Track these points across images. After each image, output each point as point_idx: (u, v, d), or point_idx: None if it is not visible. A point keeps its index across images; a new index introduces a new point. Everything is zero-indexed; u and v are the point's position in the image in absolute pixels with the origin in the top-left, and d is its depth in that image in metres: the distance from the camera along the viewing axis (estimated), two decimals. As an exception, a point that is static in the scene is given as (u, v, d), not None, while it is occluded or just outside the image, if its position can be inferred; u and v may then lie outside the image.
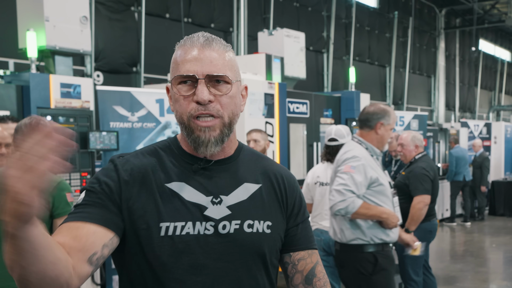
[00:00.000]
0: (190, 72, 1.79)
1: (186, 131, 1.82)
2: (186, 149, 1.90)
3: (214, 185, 1.87)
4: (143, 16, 10.57)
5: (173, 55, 1.87)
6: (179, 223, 1.78)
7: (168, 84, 1.90)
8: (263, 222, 1.90)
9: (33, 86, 5.96)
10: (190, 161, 1.89)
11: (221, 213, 1.84)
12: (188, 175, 1.86)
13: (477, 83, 24.80)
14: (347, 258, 4.53)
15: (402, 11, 18.62)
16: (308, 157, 9.72)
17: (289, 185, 2.04)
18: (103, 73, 10.03)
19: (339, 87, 15.71)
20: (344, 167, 4.30)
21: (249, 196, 1.91)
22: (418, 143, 6.43)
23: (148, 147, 1.96)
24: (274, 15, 13.34)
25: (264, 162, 2.05)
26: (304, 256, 2.03)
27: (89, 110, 6.47)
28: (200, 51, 1.81)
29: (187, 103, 1.79)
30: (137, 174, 1.82)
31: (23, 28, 6.36)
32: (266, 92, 8.40)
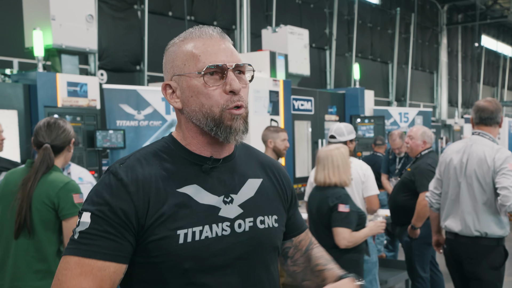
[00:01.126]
0: (219, 62, 1.75)
1: (215, 123, 1.75)
2: (191, 148, 1.84)
3: (223, 184, 1.84)
4: (146, 14, 10.58)
5: (179, 49, 1.81)
6: (196, 228, 1.74)
7: (168, 81, 1.83)
8: (271, 217, 1.92)
9: (40, 85, 5.97)
10: (197, 161, 1.83)
11: (234, 212, 1.82)
12: (197, 176, 1.81)
13: (480, 79, 24.79)
14: (482, 251, 4.65)
15: (404, 7, 18.61)
16: (313, 154, 9.72)
17: (284, 176, 2.07)
18: (106, 71, 10.04)
19: (342, 84, 15.71)
20: (508, 165, 4.43)
21: (255, 192, 1.90)
22: (426, 139, 6.38)
23: (147, 149, 1.86)
24: (276, 12, 13.34)
25: (256, 154, 2.05)
26: (303, 237, 2.14)
27: (96, 108, 6.47)
28: (221, 42, 1.80)
29: (218, 95, 1.75)
30: (146, 185, 1.73)
31: (30, 27, 6.37)
32: (271, 89, 8.41)
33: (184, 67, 1.78)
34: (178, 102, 1.82)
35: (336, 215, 4.50)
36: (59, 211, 3.49)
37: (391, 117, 12.24)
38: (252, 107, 7.99)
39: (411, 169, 6.37)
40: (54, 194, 3.46)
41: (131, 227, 1.69)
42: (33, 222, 3.47)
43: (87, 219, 1.69)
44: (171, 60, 1.82)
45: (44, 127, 3.66)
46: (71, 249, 1.68)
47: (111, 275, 1.67)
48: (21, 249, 3.50)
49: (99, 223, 1.67)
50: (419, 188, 6.12)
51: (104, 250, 1.66)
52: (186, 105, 1.80)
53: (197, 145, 1.83)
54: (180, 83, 1.80)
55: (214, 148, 1.84)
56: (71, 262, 1.66)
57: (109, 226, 1.67)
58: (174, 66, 1.81)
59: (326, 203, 4.55)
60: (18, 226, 3.45)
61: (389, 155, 9.14)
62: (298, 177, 9.27)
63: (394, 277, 7.10)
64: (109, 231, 1.67)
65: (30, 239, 3.47)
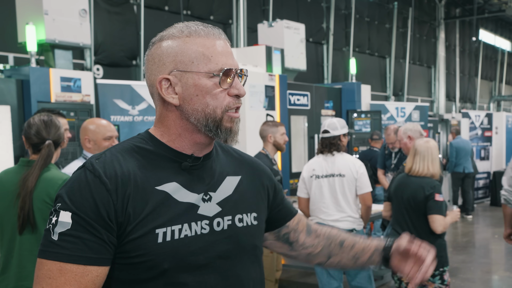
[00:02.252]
0: (231, 66, 1.77)
1: (215, 124, 1.75)
2: (172, 145, 1.81)
3: (202, 182, 1.82)
4: (142, 9, 10.55)
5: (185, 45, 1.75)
6: (175, 227, 1.72)
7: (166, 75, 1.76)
8: (250, 214, 1.91)
9: (33, 80, 5.94)
10: (178, 159, 1.80)
11: (213, 210, 1.80)
12: (177, 174, 1.78)
13: (478, 74, 24.78)
14: None
15: (402, 1, 18.59)
16: (310, 149, 9.71)
17: (263, 172, 2.07)
18: (102, 66, 10.00)
19: (339, 78, 15.69)
20: None
21: (233, 190, 1.89)
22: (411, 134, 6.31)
23: (123, 145, 1.82)
24: (273, 6, 13.30)
25: (233, 152, 2.05)
26: (298, 219, 2.16)
27: (90, 103, 6.44)
28: (226, 44, 1.81)
29: (223, 96, 1.75)
30: (124, 182, 1.69)
31: (22, 22, 6.33)
32: (266, 84, 8.38)
33: (192, 64, 1.74)
34: (175, 98, 1.76)
35: (433, 204, 4.87)
36: None
37: (387, 112, 12.22)
38: (248, 102, 7.97)
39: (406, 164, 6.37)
40: (54, 191, 3.46)
41: (112, 226, 1.65)
42: (35, 221, 3.48)
43: (68, 219, 1.63)
44: (173, 54, 1.76)
45: (42, 124, 3.67)
46: (52, 252, 1.64)
47: (94, 279, 1.65)
48: (25, 249, 3.52)
49: (81, 224, 1.63)
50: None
51: (86, 254, 1.62)
52: (187, 102, 1.76)
53: (181, 142, 1.80)
54: (184, 80, 1.75)
55: (198, 147, 1.82)
56: (53, 269, 1.63)
57: (91, 227, 1.63)
58: (177, 61, 1.75)
59: (422, 191, 4.93)
60: (22, 221, 3.46)
61: (385, 150, 9.13)
62: (295, 172, 9.26)
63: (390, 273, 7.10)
64: (91, 232, 1.63)
65: (34, 238, 3.48)
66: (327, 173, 5.68)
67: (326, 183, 5.69)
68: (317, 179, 5.75)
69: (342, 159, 5.68)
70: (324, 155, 5.76)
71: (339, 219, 5.63)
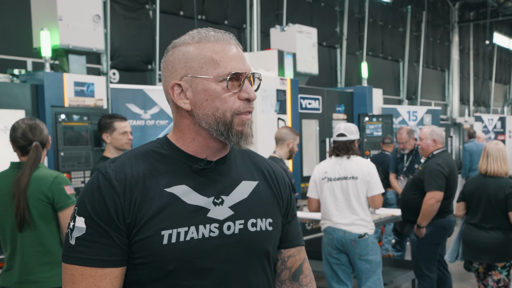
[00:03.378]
0: (240, 70, 1.78)
1: (226, 127, 1.77)
2: (186, 149, 1.84)
3: (214, 185, 1.83)
4: (158, 14, 10.61)
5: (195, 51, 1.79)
6: (181, 229, 1.74)
7: (178, 81, 1.81)
8: (265, 220, 1.90)
9: (47, 85, 6.03)
10: (191, 162, 1.82)
11: (224, 213, 1.81)
12: (188, 177, 1.81)
13: (492, 77, 24.63)
14: None
15: (416, 5, 18.54)
16: (321, 153, 9.74)
17: (282, 180, 2.06)
18: (118, 71, 10.08)
19: (353, 82, 15.68)
20: None
21: (249, 194, 1.89)
22: (436, 138, 6.37)
23: (139, 149, 1.87)
24: (287, 11, 13.33)
25: (253, 157, 2.04)
26: (294, 253, 2.06)
27: (103, 108, 6.52)
28: (237, 48, 1.83)
29: (233, 100, 1.77)
30: (132, 184, 1.74)
31: (37, 28, 6.43)
32: (278, 88, 8.43)
33: (201, 69, 1.77)
34: (187, 103, 1.80)
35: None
36: (54, 204, 3.74)
37: (399, 115, 12.21)
38: (259, 106, 8.02)
39: (422, 168, 6.39)
40: (47, 188, 3.72)
41: (121, 228, 1.71)
42: (32, 218, 3.68)
43: (82, 224, 1.71)
44: (184, 60, 1.80)
45: (27, 127, 3.88)
46: (71, 257, 1.71)
47: (113, 281, 1.71)
48: (26, 246, 3.71)
49: (94, 228, 1.70)
50: (426, 187, 6.14)
51: (101, 256, 1.69)
52: (198, 107, 1.79)
53: (195, 147, 1.83)
54: (194, 85, 1.79)
55: (212, 151, 1.84)
56: (76, 274, 1.70)
57: (103, 231, 1.70)
58: (187, 67, 1.79)
59: (502, 191, 5.66)
60: (19, 220, 3.67)
61: (397, 153, 9.15)
62: (306, 176, 9.28)
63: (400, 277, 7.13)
64: (103, 236, 1.70)
65: (34, 234, 3.69)
66: (340, 176, 5.70)
67: (339, 186, 5.70)
68: (329, 181, 5.76)
69: (355, 161, 5.71)
70: (337, 157, 5.78)
71: (352, 223, 5.65)
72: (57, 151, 5.99)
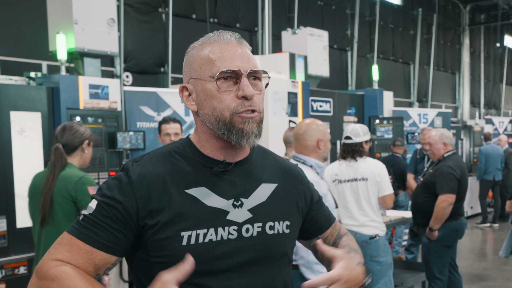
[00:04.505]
0: (234, 67, 1.78)
1: (226, 127, 1.78)
2: (204, 151, 1.86)
3: (234, 188, 1.84)
4: (170, 17, 10.67)
5: (197, 53, 1.84)
6: (201, 231, 1.75)
7: (185, 84, 1.87)
8: (283, 223, 1.92)
9: (62, 87, 6.11)
10: (209, 164, 1.84)
11: (243, 216, 1.82)
12: (208, 179, 1.82)
13: (502, 79, 24.57)
14: None
15: (426, 8, 18.53)
16: (332, 155, 9.78)
17: (302, 181, 2.08)
18: (132, 73, 10.15)
19: (363, 85, 15.70)
20: None
21: (268, 197, 1.90)
22: (446, 141, 6.40)
23: (162, 149, 1.90)
24: (298, 14, 13.37)
25: (272, 159, 2.05)
26: (331, 232, 2.16)
27: (117, 110, 6.59)
28: (238, 47, 1.83)
29: (230, 99, 1.77)
30: (153, 183, 1.76)
31: (53, 31, 6.51)
32: (289, 91, 8.48)
33: (200, 70, 1.81)
34: (193, 105, 1.85)
35: None
36: (77, 203, 3.97)
37: (410, 118, 12.24)
38: (270, 109, 8.07)
39: (433, 170, 6.40)
40: (71, 188, 3.95)
41: (131, 223, 1.74)
42: (56, 215, 3.94)
43: (93, 206, 1.77)
44: (189, 63, 1.86)
45: (59, 130, 4.13)
46: (72, 227, 1.77)
47: (97, 261, 1.73)
48: (47, 240, 3.97)
49: (101, 212, 1.75)
50: (438, 190, 6.16)
51: (97, 238, 1.72)
52: (200, 108, 1.83)
53: (211, 148, 1.86)
54: (196, 86, 1.83)
55: (227, 152, 1.86)
56: (65, 238, 1.75)
57: (108, 219, 1.74)
58: (191, 70, 1.84)
59: None
60: (42, 217, 3.97)
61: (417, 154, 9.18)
62: (317, 178, 9.31)
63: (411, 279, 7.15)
64: (106, 223, 1.73)
65: (54, 230, 3.93)
66: (350, 178, 5.73)
67: (349, 188, 5.73)
68: (340, 184, 5.79)
69: (364, 163, 5.72)
70: (346, 160, 5.82)
71: (363, 224, 5.68)
72: (72, 153, 6.06)
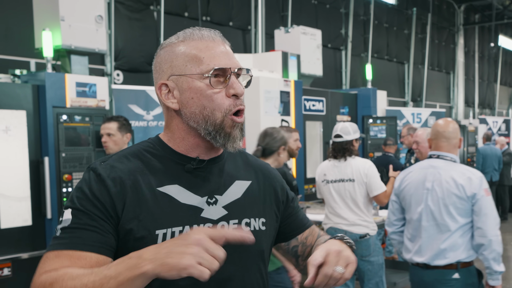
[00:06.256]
0: (225, 65, 1.75)
1: (215, 127, 1.75)
2: (177, 148, 1.83)
3: (207, 184, 1.82)
4: (162, 15, 10.60)
5: (179, 49, 1.79)
6: (176, 228, 1.72)
7: (165, 81, 1.80)
8: (258, 220, 1.90)
9: (48, 85, 5.99)
10: (182, 161, 1.81)
11: (218, 213, 1.80)
12: (180, 176, 1.79)
13: (497, 79, 24.58)
14: None
15: (421, 7, 18.51)
16: (325, 154, 9.70)
17: (274, 178, 2.05)
18: (123, 72, 10.07)
19: (358, 84, 15.66)
20: None
21: (242, 194, 1.88)
22: None
23: (130, 149, 1.86)
24: (292, 12, 13.31)
25: (245, 157, 2.03)
26: (309, 233, 2.11)
27: (105, 109, 6.48)
28: (222, 45, 1.80)
29: (221, 98, 1.75)
30: (125, 181, 1.71)
31: (39, 28, 6.40)
32: (282, 89, 8.39)
33: (185, 68, 1.76)
34: (175, 103, 1.80)
35: None
36: None
37: (403, 117, 12.19)
38: (262, 108, 7.99)
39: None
40: None
41: (110, 219, 1.68)
42: None
43: (68, 216, 1.68)
44: (169, 60, 1.80)
45: (262, 134, 5.02)
46: (53, 245, 1.65)
47: (92, 265, 1.62)
48: None
49: (79, 217, 1.66)
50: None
51: (85, 241, 1.63)
52: (185, 106, 1.78)
53: (185, 146, 1.82)
54: (180, 84, 1.78)
55: (202, 149, 1.83)
56: (50, 256, 1.64)
57: (89, 219, 1.66)
58: (173, 66, 1.79)
59: None
60: None
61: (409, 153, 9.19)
62: (309, 178, 9.25)
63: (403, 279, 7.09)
64: (90, 224, 1.66)
65: None
66: (337, 178, 5.70)
67: (337, 188, 5.71)
68: (327, 184, 5.77)
69: (352, 163, 5.68)
70: (335, 160, 5.77)
71: (353, 223, 5.64)
72: (59, 152, 5.96)
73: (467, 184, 4.18)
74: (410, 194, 4.47)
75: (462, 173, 4.26)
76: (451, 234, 4.23)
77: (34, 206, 5.95)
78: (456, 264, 4.23)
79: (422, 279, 4.36)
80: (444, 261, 4.22)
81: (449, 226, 4.22)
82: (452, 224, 4.21)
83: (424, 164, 4.51)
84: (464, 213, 4.20)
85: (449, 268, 4.23)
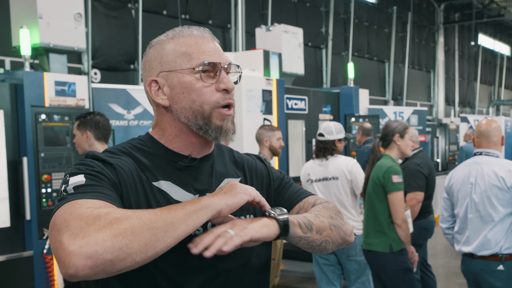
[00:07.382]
0: (213, 60, 1.76)
1: (204, 120, 1.75)
2: (169, 146, 1.82)
3: (199, 182, 1.82)
4: (140, 13, 10.51)
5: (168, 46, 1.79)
6: None
7: (155, 77, 1.79)
8: (248, 216, 1.89)
9: (27, 84, 5.87)
10: (174, 159, 1.80)
11: None
12: (172, 173, 1.78)
13: (477, 78, 24.78)
14: None
15: (401, 6, 18.57)
16: (307, 153, 9.65)
17: (259, 171, 2.04)
18: (100, 70, 9.97)
19: (338, 83, 15.66)
20: None
21: None
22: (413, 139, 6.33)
23: (121, 145, 1.83)
24: (272, 11, 13.28)
25: (232, 154, 2.03)
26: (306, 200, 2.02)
27: (84, 108, 6.38)
28: (211, 41, 1.82)
29: (210, 92, 1.75)
30: (122, 172, 1.68)
31: (17, 26, 6.28)
32: (264, 88, 8.32)
33: (175, 63, 1.77)
34: (165, 99, 1.79)
35: None
36: (384, 187, 4.92)
37: (386, 116, 12.18)
38: (244, 106, 7.92)
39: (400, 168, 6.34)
40: (381, 174, 4.94)
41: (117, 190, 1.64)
42: (371, 196, 5.04)
43: (81, 179, 1.58)
44: (159, 57, 1.80)
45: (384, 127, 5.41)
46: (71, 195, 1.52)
47: None
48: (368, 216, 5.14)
49: (94, 179, 1.58)
50: (406, 188, 6.04)
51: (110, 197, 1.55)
52: (175, 102, 1.78)
53: (178, 143, 1.82)
54: (170, 80, 1.78)
55: (195, 147, 1.82)
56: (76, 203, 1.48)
57: (104, 182, 1.60)
58: (162, 63, 1.79)
59: None
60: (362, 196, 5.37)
61: None
62: (292, 177, 9.18)
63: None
64: (108, 188, 1.59)
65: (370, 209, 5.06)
66: (321, 177, 5.69)
67: (321, 188, 5.68)
68: (312, 183, 5.74)
69: (335, 161, 5.66)
70: (318, 159, 5.74)
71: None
72: (37, 152, 5.85)
73: (507, 176, 4.54)
74: (457, 190, 4.84)
75: (503, 166, 4.62)
76: (495, 225, 4.57)
77: (12, 207, 5.83)
78: (500, 256, 4.55)
79: (470, 268, 4.73)
80: (488, 252, 4.56)
81: (492, 217, 4.57)
82: (495, 215, 4.56)
83: (469, 161, 4.89)
84: (506, 203, 4.54)
85: (494, 259, 4.57)
